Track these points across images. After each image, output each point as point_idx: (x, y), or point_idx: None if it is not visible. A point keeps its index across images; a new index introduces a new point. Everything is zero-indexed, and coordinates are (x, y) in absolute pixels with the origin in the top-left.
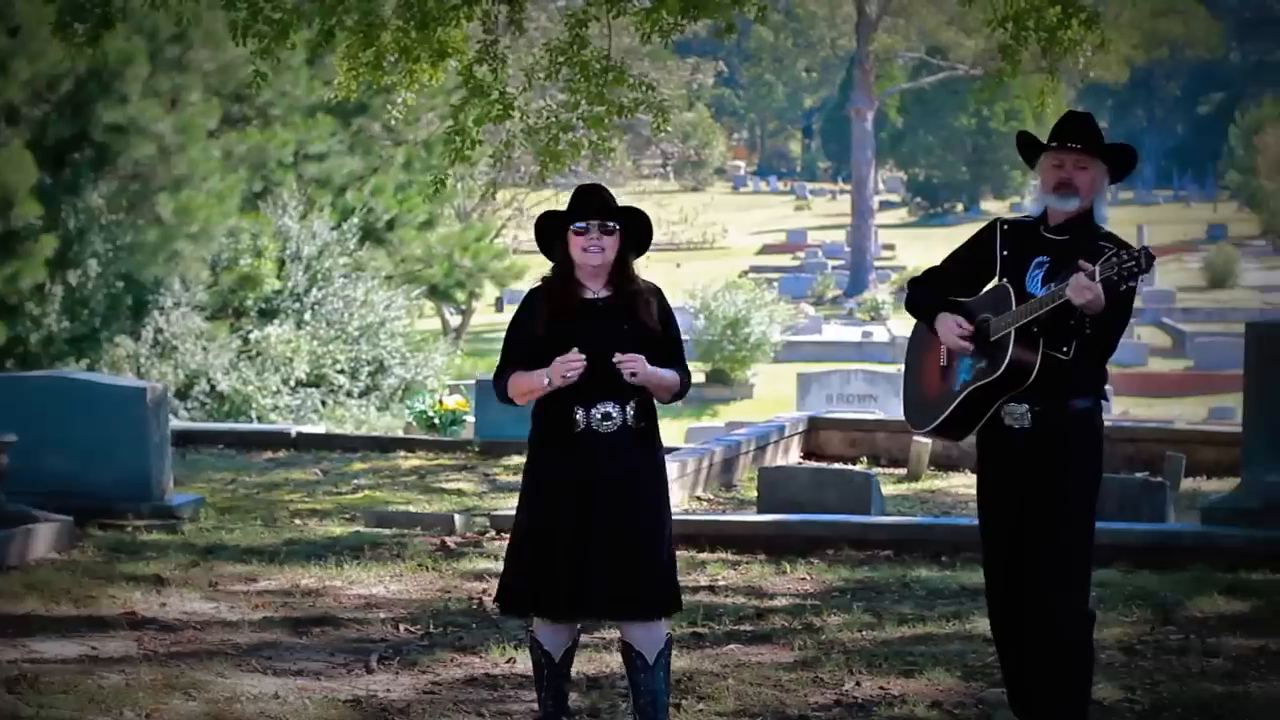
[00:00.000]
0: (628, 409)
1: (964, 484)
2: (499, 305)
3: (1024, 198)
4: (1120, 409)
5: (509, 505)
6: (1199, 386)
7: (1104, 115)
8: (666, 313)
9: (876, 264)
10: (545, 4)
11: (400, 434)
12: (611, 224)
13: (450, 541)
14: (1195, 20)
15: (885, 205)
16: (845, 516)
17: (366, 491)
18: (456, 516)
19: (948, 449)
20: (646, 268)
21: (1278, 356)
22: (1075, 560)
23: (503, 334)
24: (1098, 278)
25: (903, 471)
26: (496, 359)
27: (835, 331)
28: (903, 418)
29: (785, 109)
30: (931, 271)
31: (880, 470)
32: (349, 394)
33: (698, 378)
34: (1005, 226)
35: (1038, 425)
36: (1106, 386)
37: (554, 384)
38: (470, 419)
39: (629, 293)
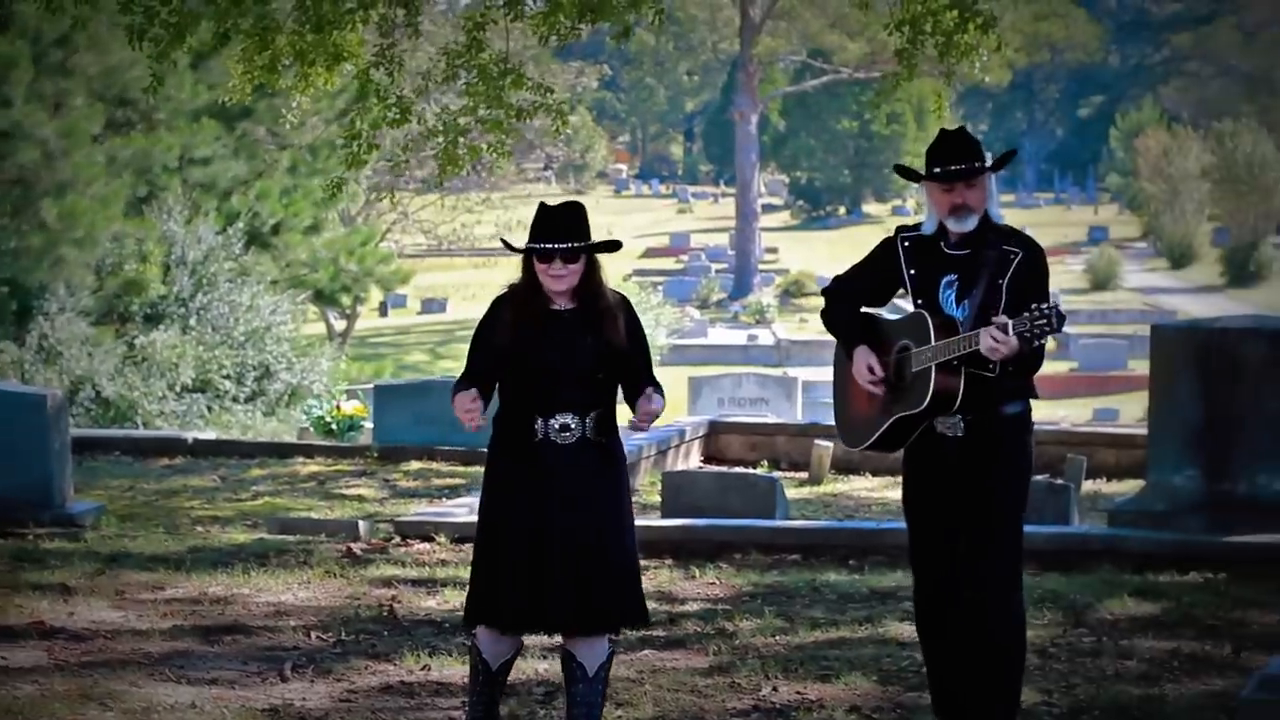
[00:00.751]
0: (587, 421)
1: (865, 487)
2: (383, 310)
3: (905, 200)
4: None
5: (412, 511)
6: (1084, 388)
7: (984, 118)
8: (634, 325)
9: (760, 267)
10: (440, 6)
11: (294, 439)
12: (575, 252)
13: (356, 548)
14: (1076, 23)
15: (767, 208)
16: (752, 521)
17: (267, 498)
18: (361, 523)
19: (848, 453)
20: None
21: (1183, 359)
22: (1009, 561)
23: (387, 339)
24: (1011, 332)
25: (804, 475)
26: (382, 364)
27: (721, 335)
28: (801, 420)
29: (667, 112)
30: (843, 283)
31: (781, 474)
32: (235, 399)
33: None
34: (906, 243)
35: (971, 433)
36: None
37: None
38: (368, 424)
39: (596, 306)
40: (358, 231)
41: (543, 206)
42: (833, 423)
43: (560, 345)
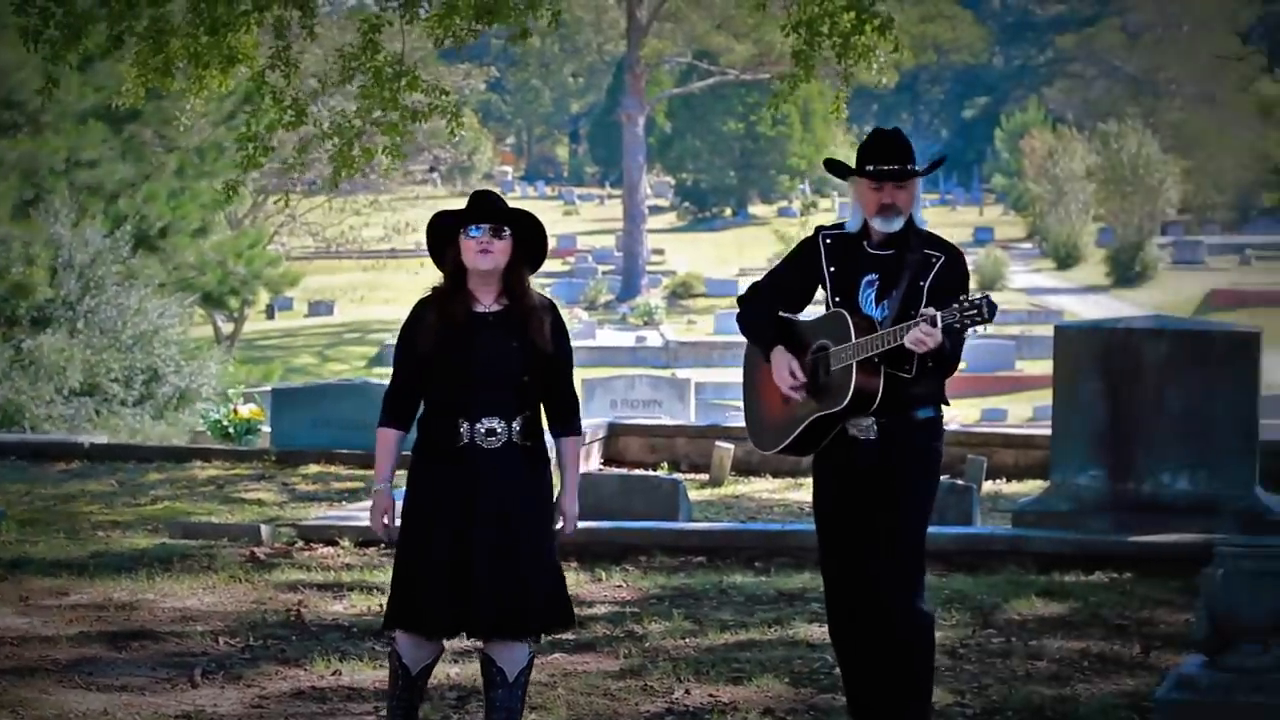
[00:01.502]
0: (513, 425)
1: (766, 489)
2: (270, 312)
3: (791, 202)
4: None
5: (314, 515)
6: (972, 389)
7: (869, 120)
8: (560, 331)
9: (648, 268)
10: (326, 8)
11: (188, 443)
12: (504, 228)
13: (259, 553)
14: (962, 25)
15: (653, 210)
16: (658, 523)
17: (166, 503)
18: (263, 527)
19: (749, 455)
20: (419, 272)
21: (1086, 360)
22: (915, 565)
23: (275, 342)
24: (939, 324)
25: (705, 477)
26: (270, 367)
27: (609, 336)
28: (697, 422)
29: (552, 114)
30: (761, 285)
31: (681, 476)
32: (124, 403)
33: None
34: (828, 240)
35: (883, 436)
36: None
37: (373, 523)
38: (265, 428)
39: (522, 307)
40: (245, 234)
41: (474, 192)
42: (732, 424)
43: (485, 347)
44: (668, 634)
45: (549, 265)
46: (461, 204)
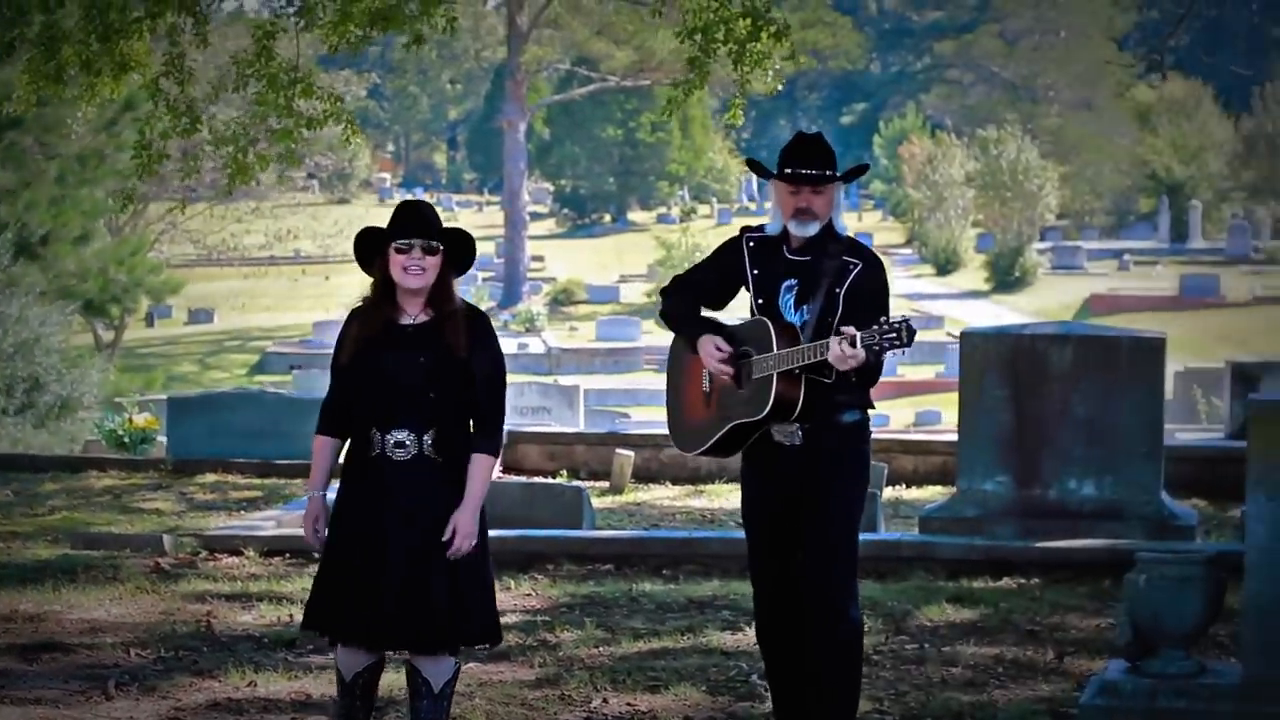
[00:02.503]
0: (424, 439)
1: (667, 496)
2: (149, 320)
3: (671, 208)
4: None
5: (216, 525)
6: None
7: (748, 126)
8: (483, 345)
9: (528, 275)
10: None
11: (78, 452)
12: (435, 244)
13: (164, 563)
14: (841, 31)
15: (533, 216)
16: (565, 531)
17: (64, 513)
18: (165, 537)
19: (648, 462)
20: (296, 281)
21: (992, 366)
22: (847, 570)
23: (155, 350)
24: (859, 345)
25: (605, 484)
26: (151, 375)
27: None
28: (589, 429)
29: (430, 121)
30: (683, 281)
31: (581, 483)
32: (4, 412)
33: None
34: (751, 243)
35: (809, 442)
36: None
37: (303, 528)
38: (161, 438)
39: (443, 321)
40: (126, 241)
41: (398, 205)
42: (631, 431)
43: (397, 360)
44: (581, 643)
45: None
46: (339, 211)
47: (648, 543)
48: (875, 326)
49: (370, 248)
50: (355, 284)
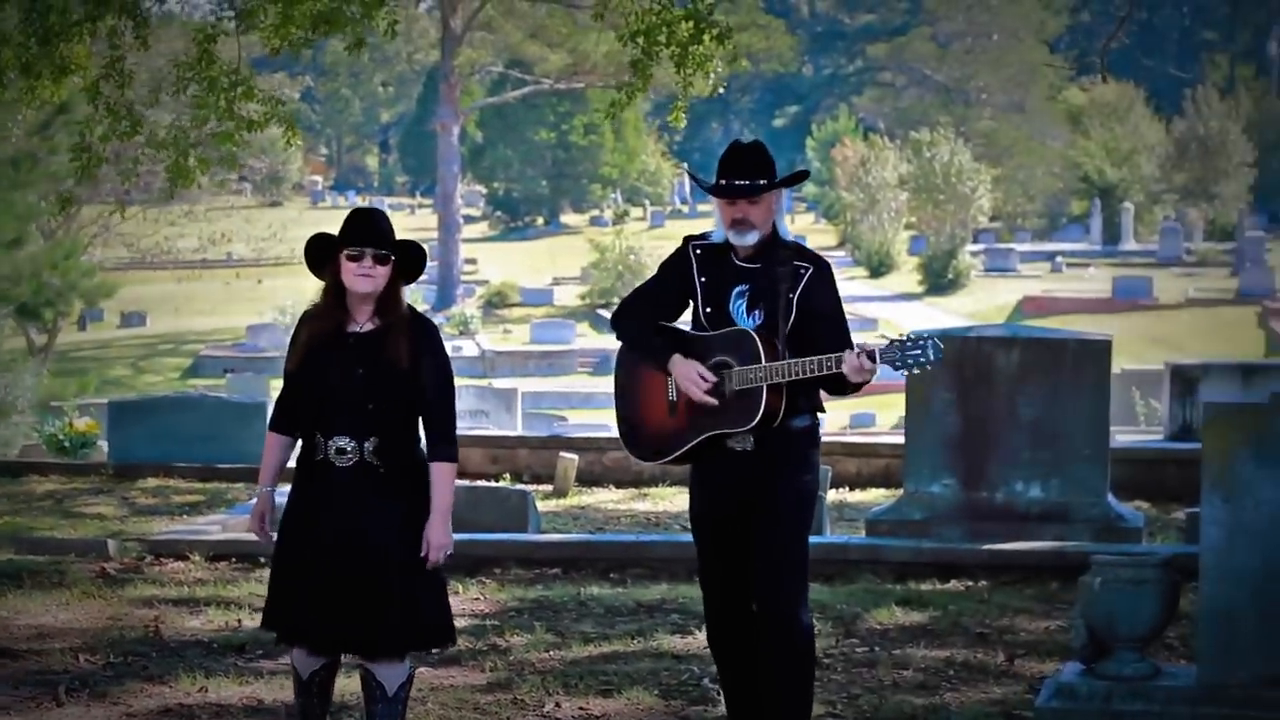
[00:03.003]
0: (365, 446)
1: (611, 499)
2: (82, 324)
3: (603, 211)
4: None
5: (161, 530)
6: None
7: (679, 128)
8: (430, 354)
9: (462, 278)
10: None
11: (14, 456)
12: (386, 253)
13: (110, 568)
14: (774, 34)
15: (465, 219)
16: (512, 535)
17: (6, 517)
18: (110, 542)
19: (590, 465)
20: (228, 285)
21: (939, 370)
22: (798, 574)
23: (88, 354)
24: (878, 360)
25: (548, 488)
26: (85, 379)
27: None
28: (540, 433)
29: (362, 124)
30: (638, 297)
31: (524, 487)
32: None
33: None
34: (698, 251)
35: (760, 447)
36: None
37: (249, 524)
38: (102, 442)
39: (389, 330)
40: (60, 245)
41: (351, 212)
42: (574, 434)
43: (339, 369)
44: (531, 647)
45: None
46: (273, 214)
47: (595, 546)
48: (896, 343)
49: (322, 253)
50: (289, 287)
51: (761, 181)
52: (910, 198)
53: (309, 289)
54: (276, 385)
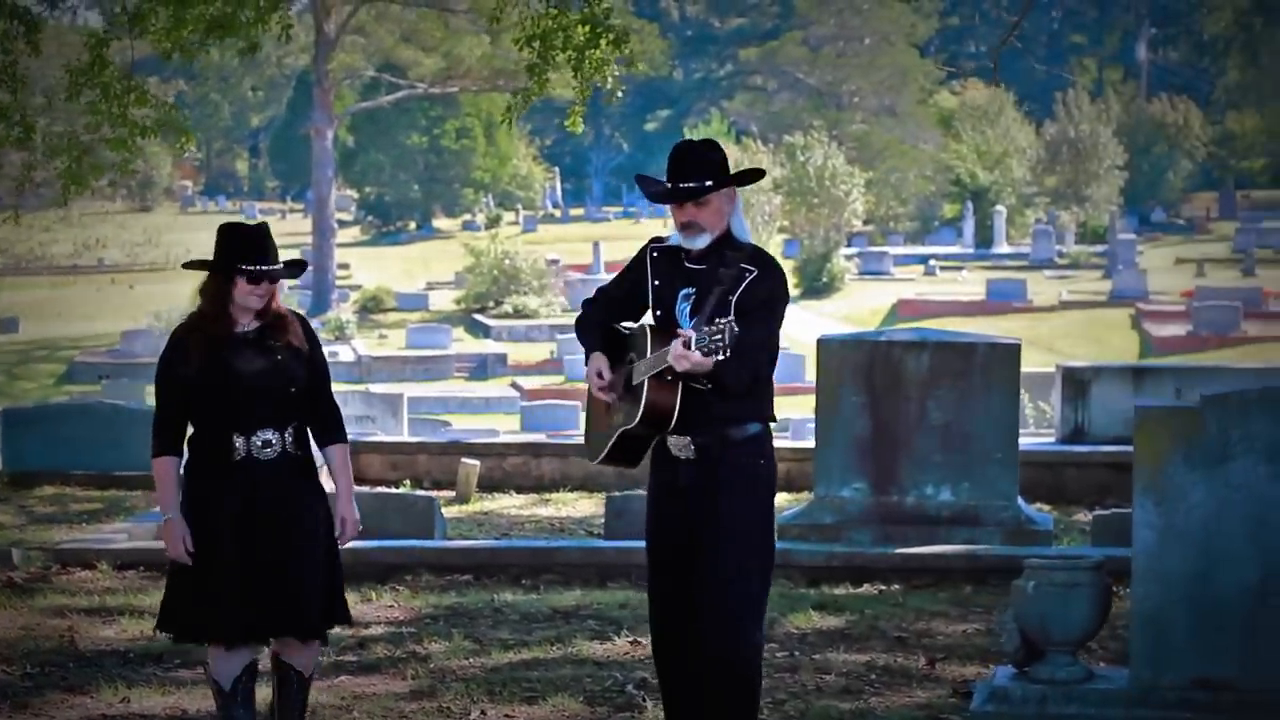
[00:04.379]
0: (286, 435)
1: (514, 505)
2: None
3: (475, 215)
4: None
5: (66, 538)
6: None
7: (551, 133)
8: (314, 342)
9: (336, 283)
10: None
11: None
12: (280, 273)
13: (16, 577)
14: (647, 38)
15: (338, 224)
16: (422, 542)
17: None
18: (14, 550)
19: (490, 470)
20: (100, 291)
21: (848, 373)
22: (746, 591)
23: None
24: (694, 346)
25: (450, 494)
26: None
27: None
28: (437, 440)
29: (232, 128)
30: (599, 293)
31: (427, 493)
32: None
33: None
34: (655, 254)
35: (702, 456)
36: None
37: (170, 552)
38: None
39: (278, 324)
40: None
41: (239, 228)
42: (475, 440)
43: (252, 363)
44: (450, 654)
45: None
46: (147, 219)
47: (506, 552)
48: (708, 327)
49: (209, 263)
50: (163, 293)
51: (708, 183)
52: (784, 201)
53: (183, 294)
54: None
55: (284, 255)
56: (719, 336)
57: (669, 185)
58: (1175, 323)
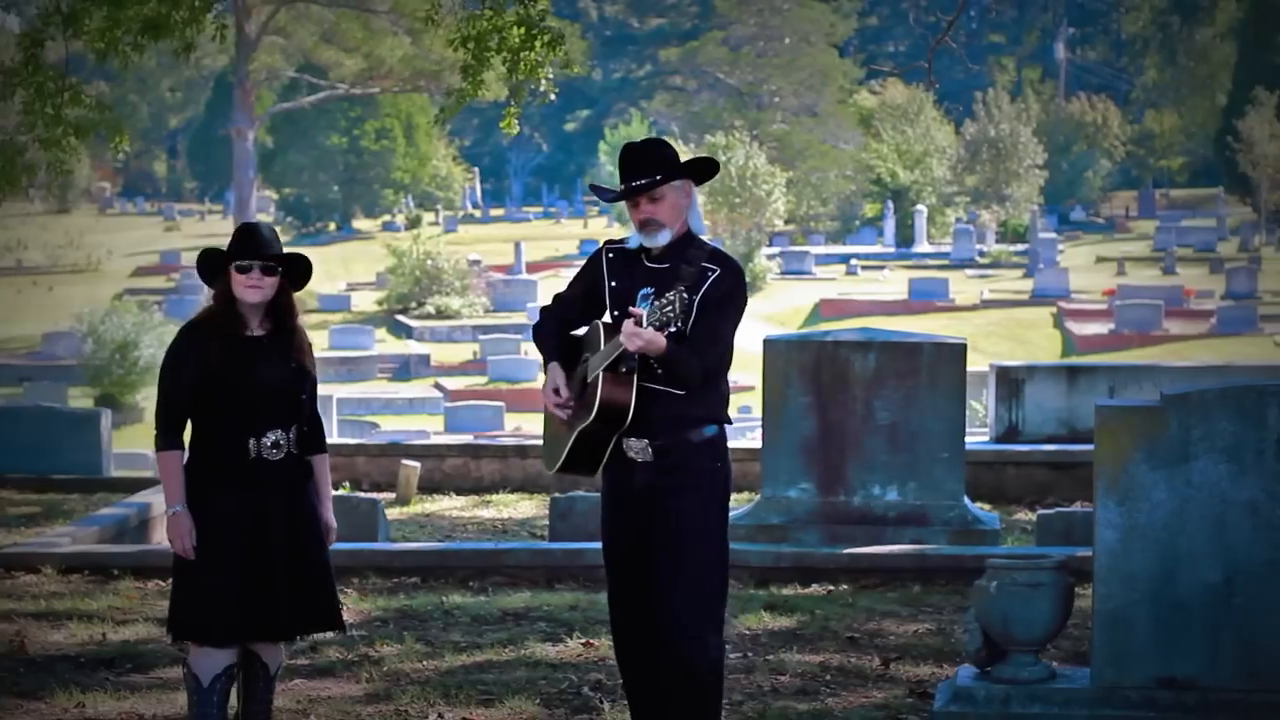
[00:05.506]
0: (291, 436)
1: (455, 507)
2: None
3: (395, 216)
4: (513, 425)
5: (4, 543)
6: None
7: (470, 133)
8: (311, 351)
9: None
10: None
11: None
12: (273, 264)
13: None
14: (569, 39)
15: None
16: (368, 544)
17: None
18: None
19: (430, 473)
20: (20, 293)
21: (795, 373)
22: (705, 596)
23: None
24: (645, 323)
25: (389, 495)
26: None
27: None
28: (376, 441)
29: (150, 129)
30: (555, 299)
31: (367, 495)
32: None
33: (86, 402)
34: (610, 255)
35: (659, 458)
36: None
37: (176, 546)
38: None
39: (286, 332)
40: None
41: (241, 226)
42: (413, 442)
43: (266, 366)
44: (404, 657)
45: (153, 282)
46: (69, 221)
47: (453, 554)
48: (658, 302)
49: (213, 266)
50: (83, 295)
51: (657, 176)
52: (706, 201)
53: (104, 296)
54: (76, 394)
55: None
56: (669, 308)
57: (621, 187)
58: (1097, 321)
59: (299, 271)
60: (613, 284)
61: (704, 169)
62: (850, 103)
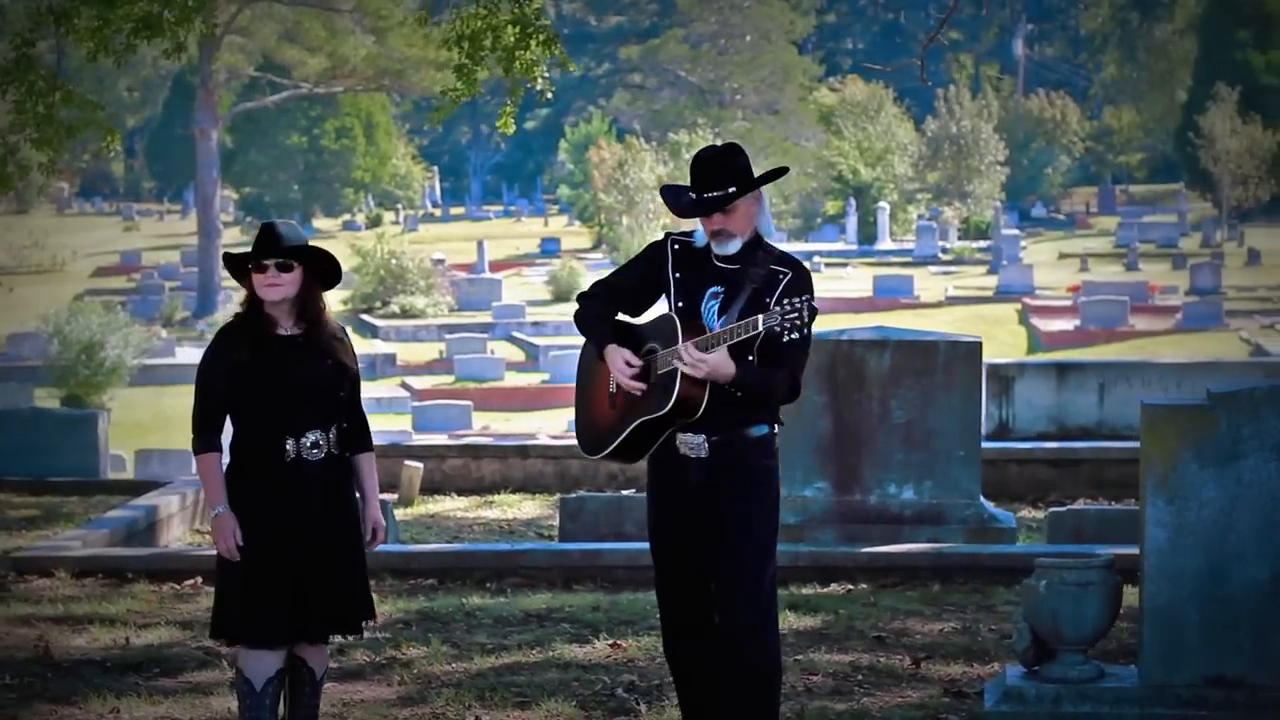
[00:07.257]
0: (330, 437)
1: (458, 507)
2: None
3: (355, 215)
4: (480, 424)
5: (21, 546)
6: (556, 399)
7: (427, 132)
8: (353, 353)
9: (222, 284)
10: None
11: None
12: (287, 261)
13: None
14: None
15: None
16: (382, 546)
17: None
18: None
19: (431, 473)
20: None
21: (810, 373)
22: (763, 591)
23: None
24: (762, 326)
25: (391, 496)
26: None
27: (189, 353)
28: (377, 441)
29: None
30: (602, 285)
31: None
32: None
33: (52, 403)
34: (676, 247)
35: (715, 456)
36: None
37: (221, 547)
38: None
39: (320, 329)
40: None
41: (264, 224)
42: (415, 443)
43: (302, 365)
44: (432, 659)
45: (113, 282)
46: (33, 221)
47: (471, 556)
48: (778, 308)
49: (239, 269)
50: (48, 295)
51: (731, 190)
52: None
53: (65, 296)
54: (42, 394)
55: (161, 257)
56: (793, 315)
57: (694, 196)
58: (1062, 317)
59: (326, 268)
60: (677, 275)
61: (774, 176)
62: (811, 100)
